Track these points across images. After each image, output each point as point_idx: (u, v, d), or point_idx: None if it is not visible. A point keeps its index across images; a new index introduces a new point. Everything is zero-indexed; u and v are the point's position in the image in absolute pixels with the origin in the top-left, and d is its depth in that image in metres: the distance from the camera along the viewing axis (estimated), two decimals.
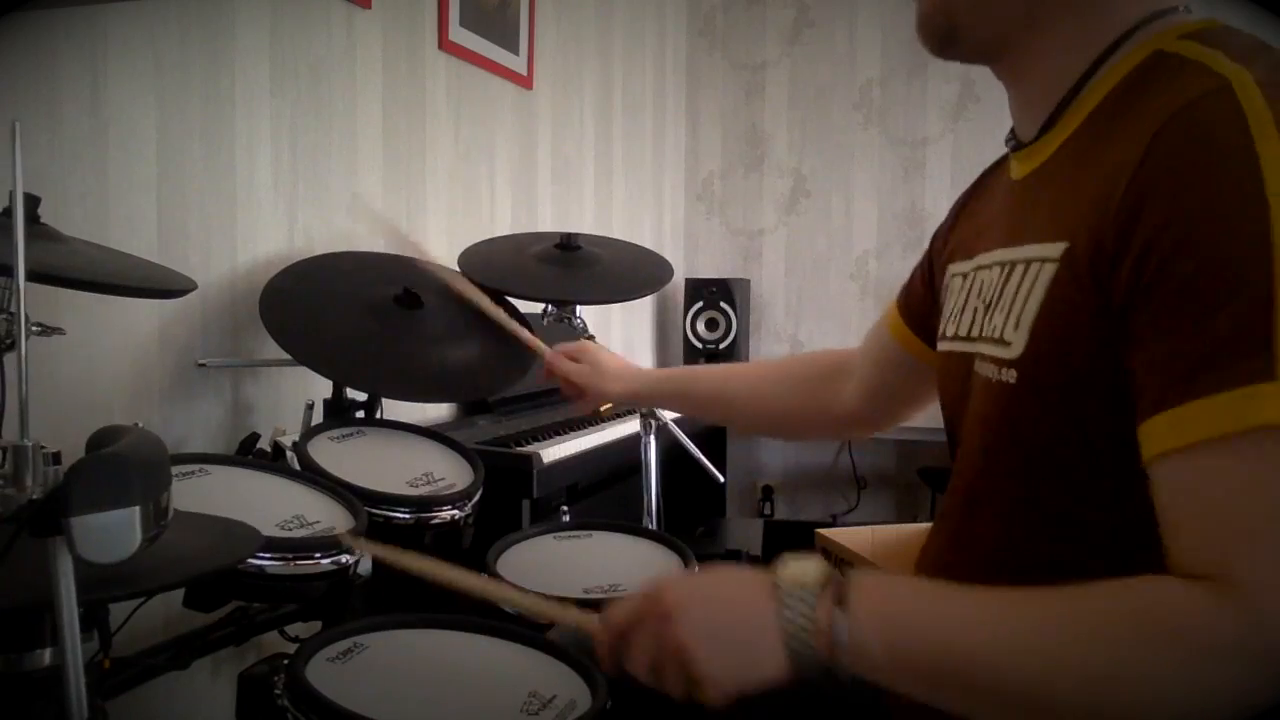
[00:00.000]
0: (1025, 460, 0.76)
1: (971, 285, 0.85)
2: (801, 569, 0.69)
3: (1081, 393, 0.70)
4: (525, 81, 2.56)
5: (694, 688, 0.69)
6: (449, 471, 1.40)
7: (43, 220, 1.06)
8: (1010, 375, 0.74)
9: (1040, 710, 0.63)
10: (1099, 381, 0.68)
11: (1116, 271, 0.65)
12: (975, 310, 0.83)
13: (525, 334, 1.46)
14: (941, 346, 0.91)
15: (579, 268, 1.83)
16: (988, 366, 0.78)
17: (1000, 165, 0.90)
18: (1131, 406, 0.65)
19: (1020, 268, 0.75)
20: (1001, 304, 0.77)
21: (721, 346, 3.55)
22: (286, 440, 1.39)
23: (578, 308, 1.79)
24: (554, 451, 1.86)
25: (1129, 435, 0.65)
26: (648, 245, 2.54)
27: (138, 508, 0.63)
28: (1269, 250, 0.59)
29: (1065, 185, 0.74)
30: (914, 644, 0.66)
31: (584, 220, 3.00)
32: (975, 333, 0.82)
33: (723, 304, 3.54)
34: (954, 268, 0.91)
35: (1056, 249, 0.71)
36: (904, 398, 1.13)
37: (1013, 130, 0.85)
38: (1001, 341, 0.76)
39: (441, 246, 2.20)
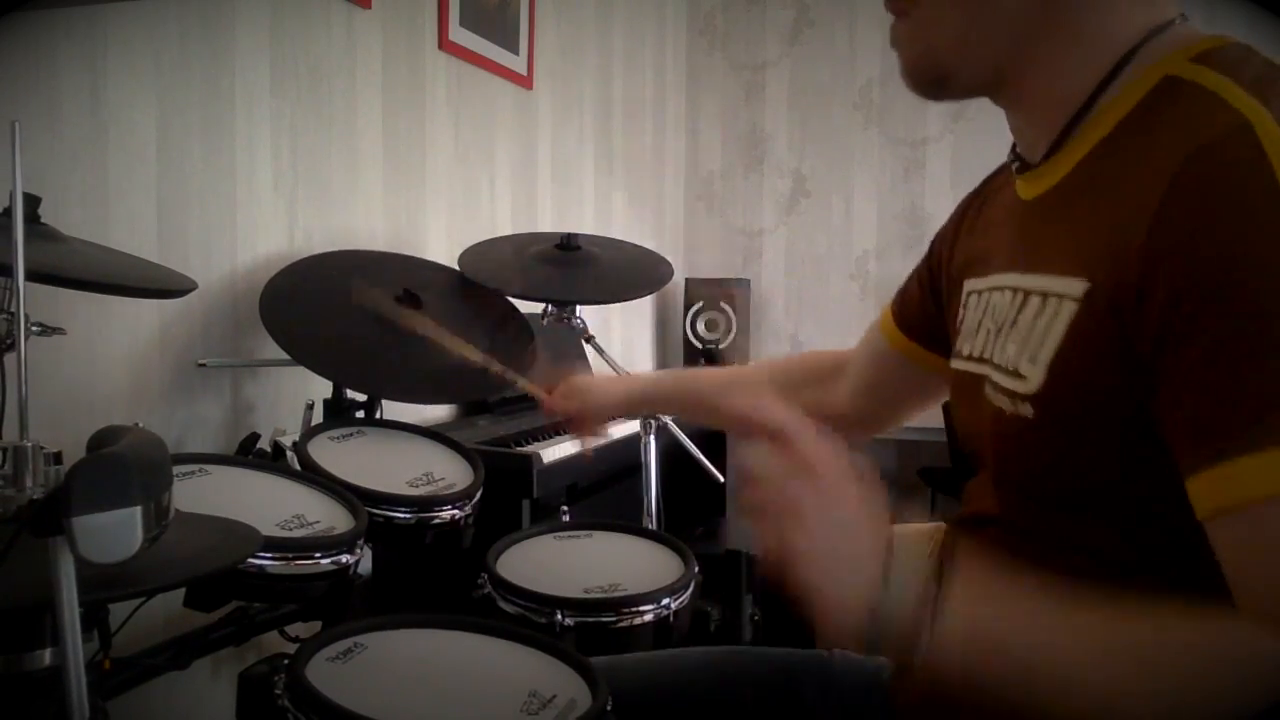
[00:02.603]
0: (1040, 491, 0.75)
1: (985, 306, 0.84)
2: (915, 543, 0.69)
3: (1099, 430, 0.69)
4: (525, 81, 2.56)
5: (777, 540, 0.69)
6: (449, 471, 1.40)
7: (43, 220, 1.07)
8: (1027, 410, 0.73)
9: None
10: (1117, 420, 0.68)
11: (1141, 318, 0.64)
12: (987, 332, 0.82)
13: (521, 382, 1.43)
14: (955, 364, 0.90)
15: (579, 268, 1.84)
16: (1001, 397, 0.77)
17: (1005, 177, 0.89)
18: (1150, 446, 0.65)
19: (1037, 299, 0.74)
20: (1016, 334, 0.76)
21: (721, 346, 3.55)
22: (286, 440, 1.39)
23: (578, 308, 1.79)
24: (554, 451, 1.86)
25: (1144, 469, 0.66)
26: (648, 245, 2.54)
27: (139, 508, 0.63)
28: None
29: (1080, 216, 0.73)
30: (993, 661, 0.66)
31: (584, 220, 3.00)
32: (986, 355, 0.82)
33: (723, 304, 3.54)
34: (970, 284, 0.89)
35: (1077, 287, 0.69)
36: (896, 400, 1.12)
37: (1015, 149, 0.83)
38: (1016, 374, 0.75)
39: (441, 246, 2.20)
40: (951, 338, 0.92)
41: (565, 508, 1.61)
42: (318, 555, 1.08)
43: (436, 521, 1.29)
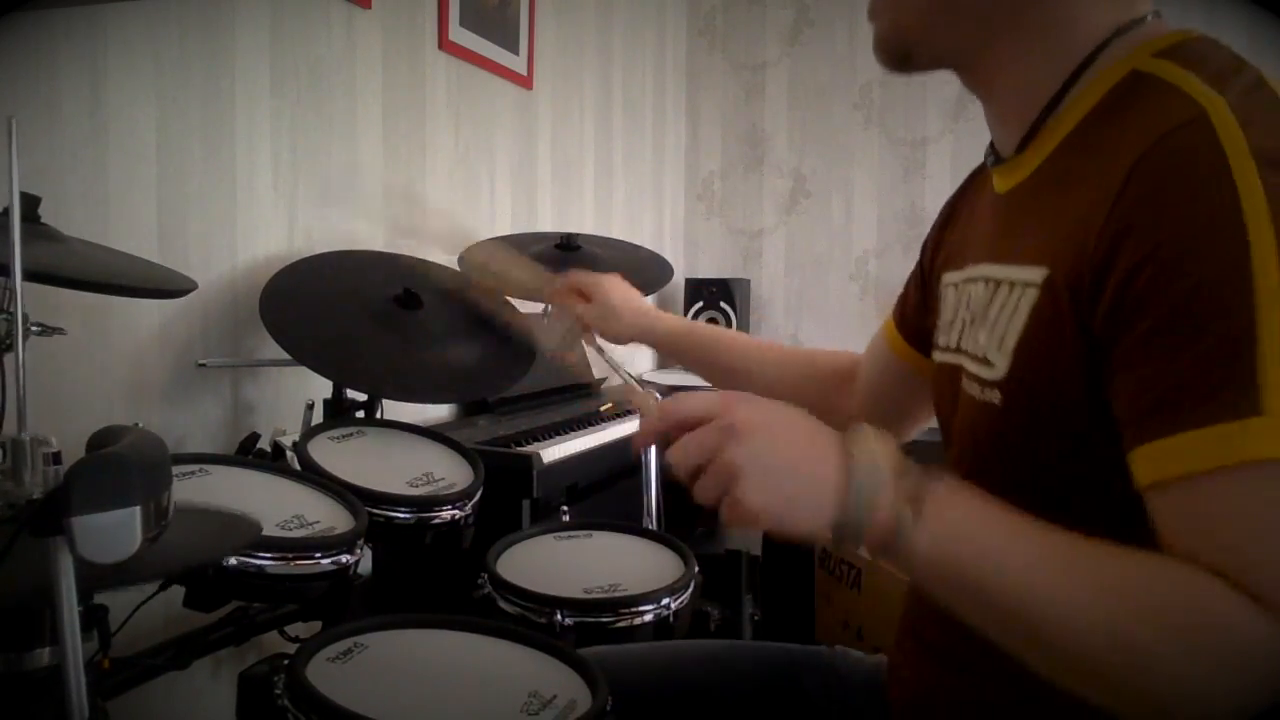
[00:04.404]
0: (1011, 477, 0.76)
1: (961, 297, 0.86)
2: (875, 447, 0.68)
3: (1064, 416, 0.70)
4: (525, 81, 2.56)
5: (726, 505, 0.67)
6: (449, 471, 1.40)
7: (43, 220, 1.07)
8: (994, 396, 0.75)
9: (1066, 659, 0.64)
10: (1081, 406, 0.69)
11: (1096, 303, 0.66)
12: (963, 322, 0.84)
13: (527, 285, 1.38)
14: (935, 356, 0.92)
15: (579, 268, 1.83)
16: (972, 384, 0.79)
17: (984, 173, 0.91)
18: (1114, 430, 0.66)
19: (1005, 288, 0.76)
20: (986, 322, 0.78)
21: None
22: (286, 440, 1.39)
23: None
24: (554, 451, 1.86)
25: (1112, 457, 0.66)
26: (648, 245, 2.54)
27: (138, 508, 0.63)
28: (1249, 280, 0.59)
29: (1046, 207, 0.75)
30: (967, 565, 0.65)
31: (584, 220, 3.00)
32: (960, 345, 0.83)
33: (723, 304, 3.54)
34: (948, 276, 0.91)
35: (1038, 274, 0.71)
36: (902, 409, 1.11)
37: (992, 144, 0.85)
38: (985, 362, 0.76)
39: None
40: (934, 333, 0.93)
41: (565, 508, 1.61)
42: (318, 555, 1.08)
43: (436, 521, 1.29)
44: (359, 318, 1.51)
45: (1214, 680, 0.60)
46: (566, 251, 1.84)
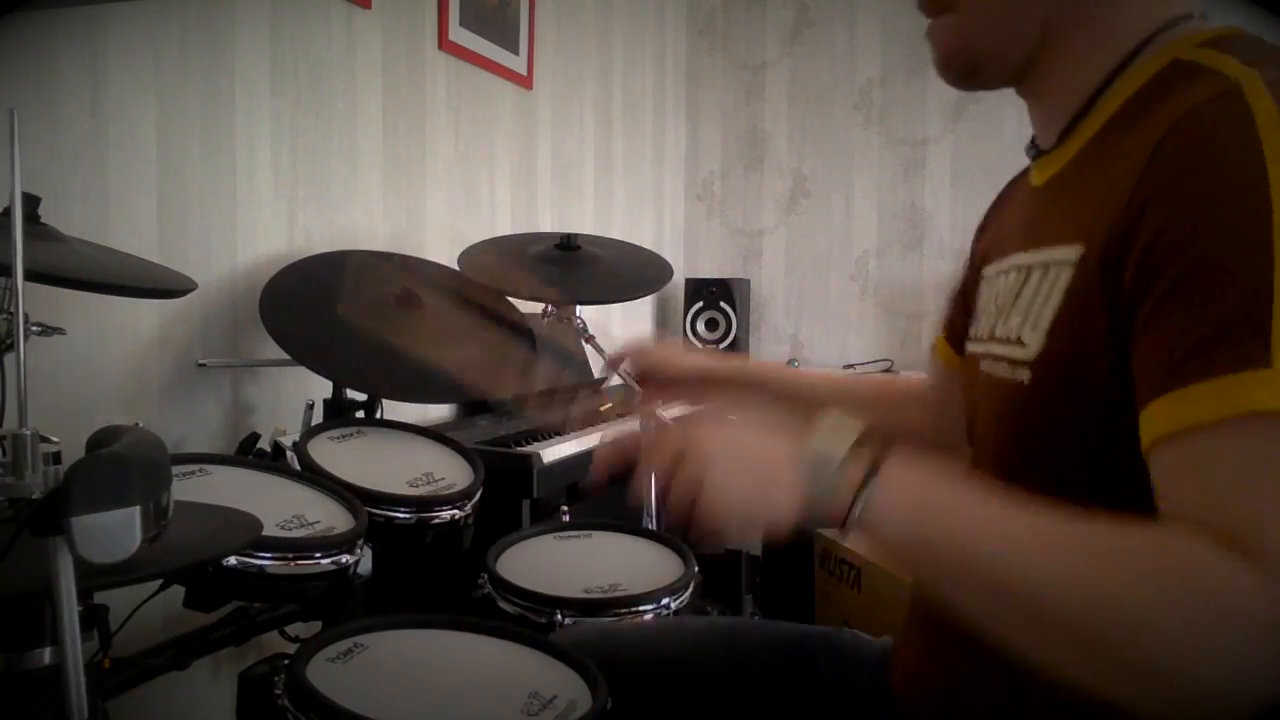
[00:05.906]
0: (1037, 459, 0.76)
1: (993, 288, 0.87)
2: (833, 426, 0.71)
3: (1093, 394, 0.70)
4: (525, 81, 2.56)
5: (700, 508, 0.71)
6: (449, 471, 1.40)
7: (43, 220, 1.06)
8: (1024, 375, 0.75)
9: (1049, 629, 0.62)
10: (1111, 383, 0.68)
11: (1122, 271, 0.66)
12: (989, 313, 0.85)
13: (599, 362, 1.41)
14: (966, 347, 0.92)
15: (579, 268, 1.83)
16: (1000, 366, 0.79)
17: (1024, 173, 0.92)
18: (1135, 405, 0.65)
19: (1038, 271, 0.76)
20: (1018, 306, 0.78)
21: (721, 346, 3.55)
22: (286, 440, 1.39)
23: (578, 307, 1.79)
24: (554, 451, 1.86)
25: (1134, 435, 0.65)
26: (648, 245, 2.54)
27: (138, 507, 0.63)
28: (1269, 238, 0.59)
29: (1080, 190, 0.75)
30: (934, 538, 0.66)
31: (584, 220, 3.00)
32: (987, 334, 0.84)
33: (723, 304, 3.54)
34: (986, 270, 0.92)
35: (1074, 252, 0.71)
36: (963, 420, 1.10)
37: (1033, 139, 0.86)
38: (1019, 343, 0.76)
39: (441, 247, 2.20)
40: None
41: (565, 508, 1.61)
42: (318, 555, 1.08)
43: (436, 521, 1.29)
44: (359, 318, 1.50)
45: (1207, 644, 0.57)
46: (566, 251, 1.84)
